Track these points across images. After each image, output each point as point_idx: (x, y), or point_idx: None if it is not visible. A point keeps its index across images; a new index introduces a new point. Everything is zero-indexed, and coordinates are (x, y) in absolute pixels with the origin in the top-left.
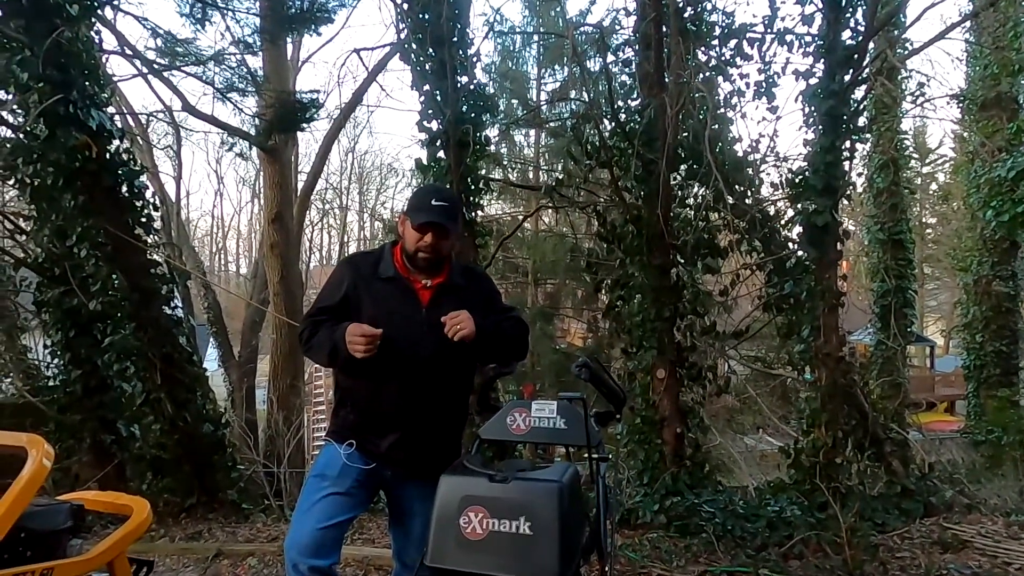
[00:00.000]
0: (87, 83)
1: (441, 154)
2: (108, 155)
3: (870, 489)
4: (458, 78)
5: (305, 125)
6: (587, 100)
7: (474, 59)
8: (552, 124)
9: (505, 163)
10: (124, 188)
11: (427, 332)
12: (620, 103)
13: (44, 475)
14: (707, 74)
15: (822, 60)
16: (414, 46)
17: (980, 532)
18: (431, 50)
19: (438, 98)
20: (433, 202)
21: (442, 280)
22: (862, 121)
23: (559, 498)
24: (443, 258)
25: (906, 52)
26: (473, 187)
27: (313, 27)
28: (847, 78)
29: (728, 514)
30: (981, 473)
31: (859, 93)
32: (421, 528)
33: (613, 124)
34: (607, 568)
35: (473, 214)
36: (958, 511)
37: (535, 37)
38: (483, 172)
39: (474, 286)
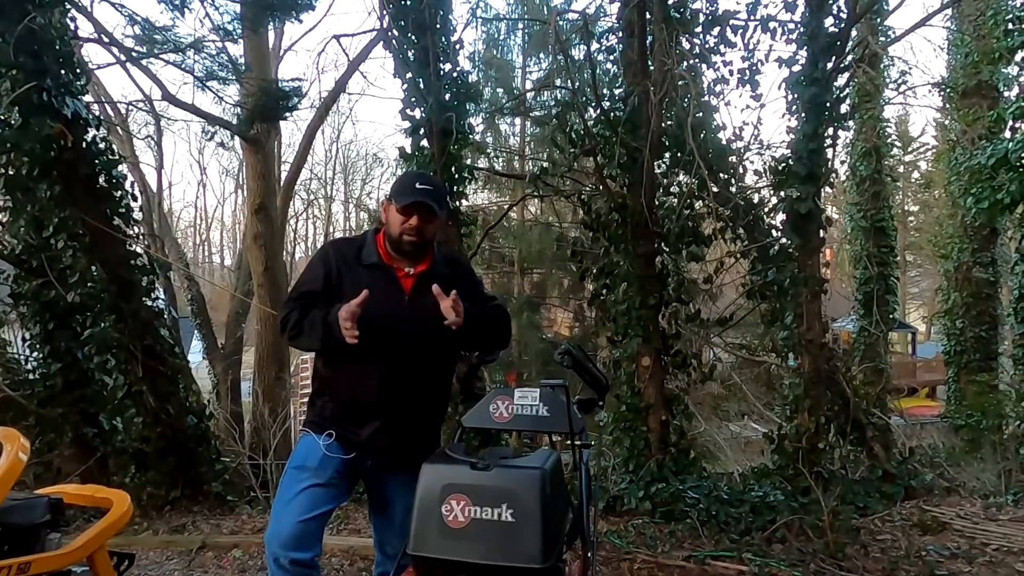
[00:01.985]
0: (62, 71)
1: (424, 143)
2: (84, 144)
3: (852, 473)
4: (441, 66)
5: (288, 114)
6: (572, 88)
7: (457, 46)
8: (537, 113)
9: (490, 152)
10: (102, 178)
11: (409, 320)
12: (604, 91)
13: (20, 469)
14: (691, 62)
15: (805, 47)
16: (396, 33)
17: (959, 514)
18: (413, 37)
19: (421, 86)
20: (418, 185)
21: (425, 268)
22: (845, 108)
23: (541, 485)
24: (427, 244)
25: (888, 40)
26: (457, 176)
27: (294, 14)
28: (829, 65)
29: (712, 500)
30: (961, 457)
31: (842, 80)
32: (402, 517)
33: (597, 112)
34: (590, 554)
35: (458, 203)
36: (938, 494)
37: (519, 24)
38: (467, 161)
39: (457, 274)
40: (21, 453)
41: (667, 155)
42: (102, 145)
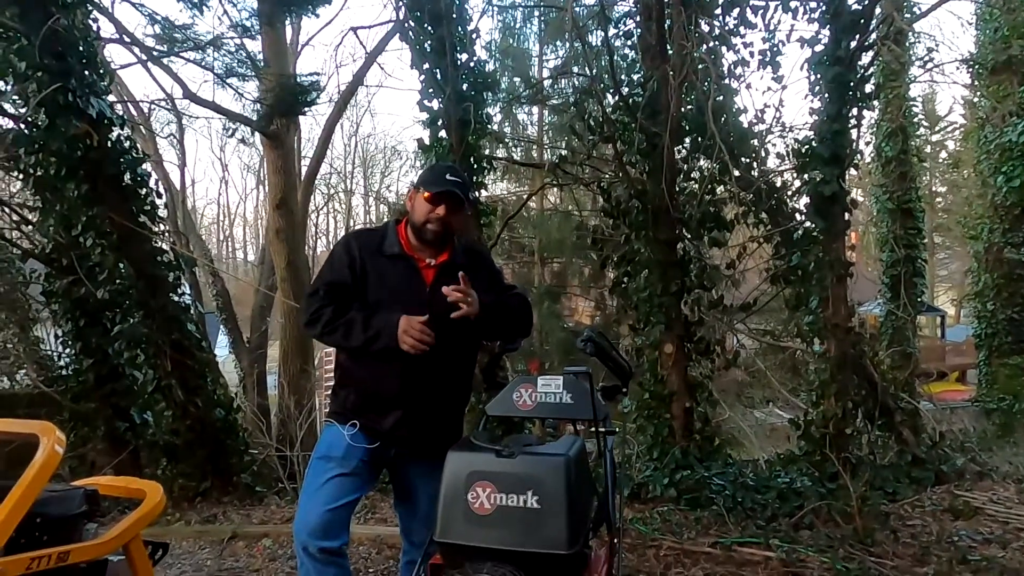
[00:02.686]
0: (86, 71)
1: (443, 133)
2: (109, 143)
3: (880, 459)
4: (458, 56)
5: (306, 109)
6: (589, 75)
7: (473, 36)
8: (555, 101)
9: (508, 142)
10: (127, 176)
11: (432, 310)
12: (623, 77)
13: (56, 461)
14: (710, 44)
15: (827, 26)
16: (412, 24)
17: (992, 499)
18: (430, 27)
19: (438, 77)
20: (448, 176)
21: (446, 259)
22: (869, 88)
23: (566, 471)
24: (449, 235)
25: (914, 16)
26: (476, 166)
27: (310, 8)
28: (853, 44)
29: (738, 486)
30: (992, 441)
31: (866, 59)
32: (427, 506)
33: (616, 98)
34: (616, 541)
35: (477, 193)
36: (969, 479)
37: (535, 12)
38: (486, 151)
39: (477, 265)
40: (57, 446)
41: (687, 140)
42: (126, 144)
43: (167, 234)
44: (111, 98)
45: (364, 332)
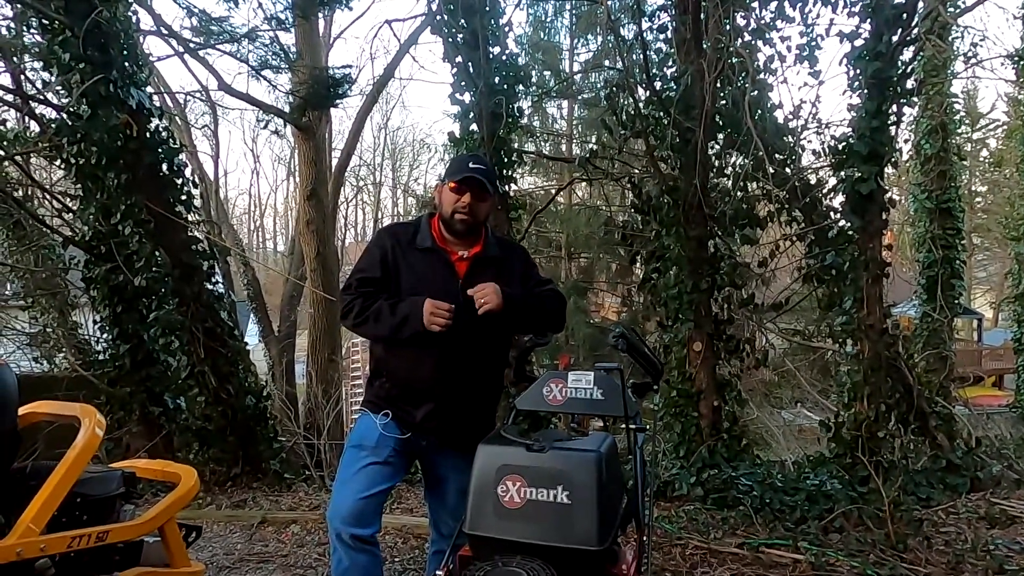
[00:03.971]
0: (126, 63)
1: (474, 127)
2: (148, 134)
3: (913, 464)
4: (490, 49)
5: (338, 101)
6: (622, 68)
7: (506, 29)
8: (585, 95)
9: (538, 135)
10: (165, 166)
11: (463, 303)
12: (655, 71)
13: (97, 443)
14: (746, 39)
15: (868, 20)
16: (445, 16)
17: None
18: (462, 20)
19: (470, 70)
20: (471, 164)
21: (478, 251)
22: (911, 84)
23: (597, 467)
24: (480, 224)
25: (959, 9)
26: (506, 160)
27: (344, 1)
28: (895, 38)
29: (766, 487)
30: None
31: (908, 54)
32: (456, 498)
33: (648, 93)
34: (645, 538)
35: (506, 187)
36: (1006, 486)
37: (567, 5)
38: (516, 145)
39: (510, 258)
40: (98, 428)
41: (720, 136)
42: (164, 134)
43: (202, 223)
44: (148, 89)
45: (392, 318)
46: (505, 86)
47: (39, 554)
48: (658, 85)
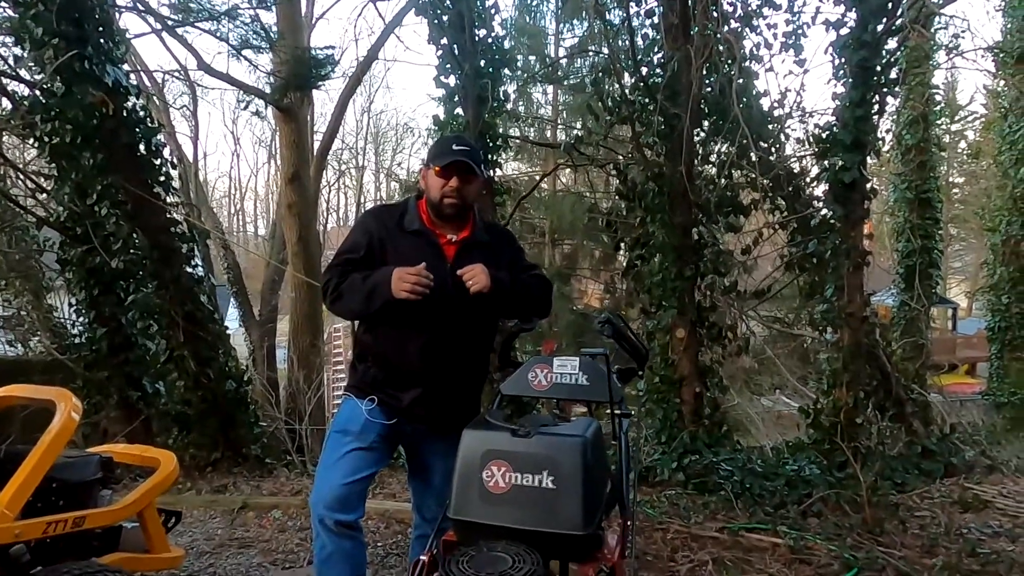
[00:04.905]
0: (102, 39)
1: (459, 110)
2: (125, 112)
3: (890, 450)
4: (476, 31)
5: (321, 82)
6: (609, 54)
7: (492, 11)
8: (571, 81)
9: (522, 120)
10: (142, 146)
11: (452, 287)
12: (642, 57)
13: (73, 427)
14: (732, 25)
15: (854, 8)
16: None
17: (1001, 492)
18: (448, 2)
19: (455, 52)
20: (455, 146)
21: (467, 235)
22: (894, 73)
23: (583, 453)
24: (468, 208)
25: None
26: (492, 144)
27: None
28: (880, 27)
29: (746, 472)
30: (1002, 435)
31: (892, 43)
32: (440, 482)
33: (635, 78)
34: (629, 523)
35: (492, 172)
36: (979, 472)
37: None
38: (500, 130)
39: (498, 242)
40: (74, 413)
41: (705, 123)
42: (142, 114)
43: (180, 206)
44: (125, 67)
45: (362, 289)
46: (491, 69)
47: (14, 540)
48: (644, 71)
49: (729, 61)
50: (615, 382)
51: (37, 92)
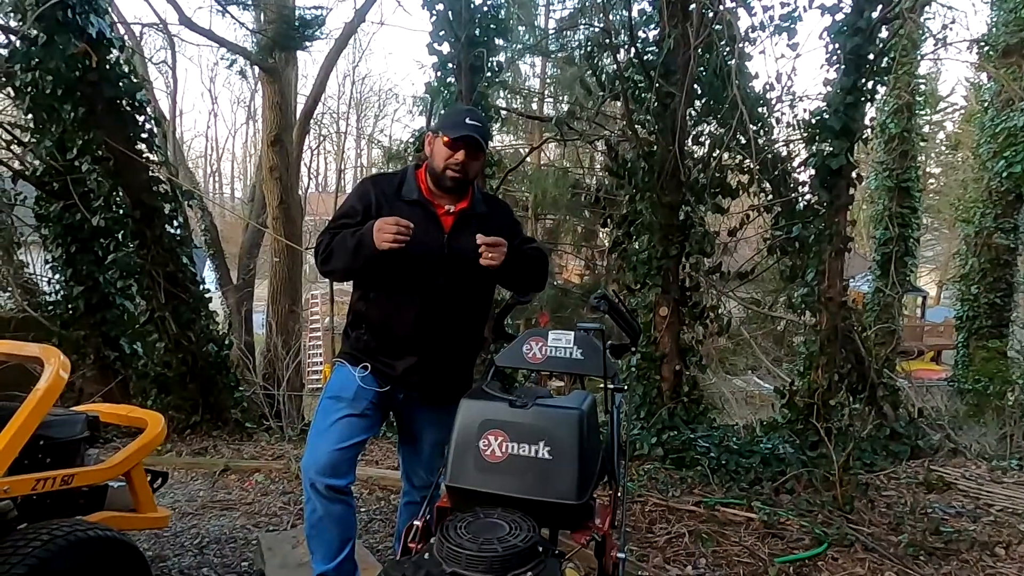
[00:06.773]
0: None
1: (452, 79)
2: (108, 65)
3: (860, 431)
4: None
5: (307, 43)
6: (606, 28)
7: None
8: (561, 54)
9: (509, 93)
10: (125, 101)
11: (448, 257)
12: (638, 31)
13: (61, 385)
14: (728, 5)
15: None
16: None
17: (964, 475)
18: None
19: (450, 18)
20: (468, 120)
21: (465, 206)
22: (886, 62)
23: (579, 425)
24: (468, 182)
25: None
26: (484, 115)
27: None
28: (875, 14)
29: (723, 449)
30: (964, 420)
31: (886, 31)
32: (431, 450)
33: (630, 54)
34: (620, 493)
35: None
36: (943, 455)
37: None
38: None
39: (497, 214)
40: (62, 371)
41: (698, 103)
42: (125, 68)
43: (163, 164)
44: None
45: (349, 244)
46: (485, 38)
47: (2, 495)
48: (639, 47)
49: (724, 41)
50: (609, 357)
51: (17, 41)
